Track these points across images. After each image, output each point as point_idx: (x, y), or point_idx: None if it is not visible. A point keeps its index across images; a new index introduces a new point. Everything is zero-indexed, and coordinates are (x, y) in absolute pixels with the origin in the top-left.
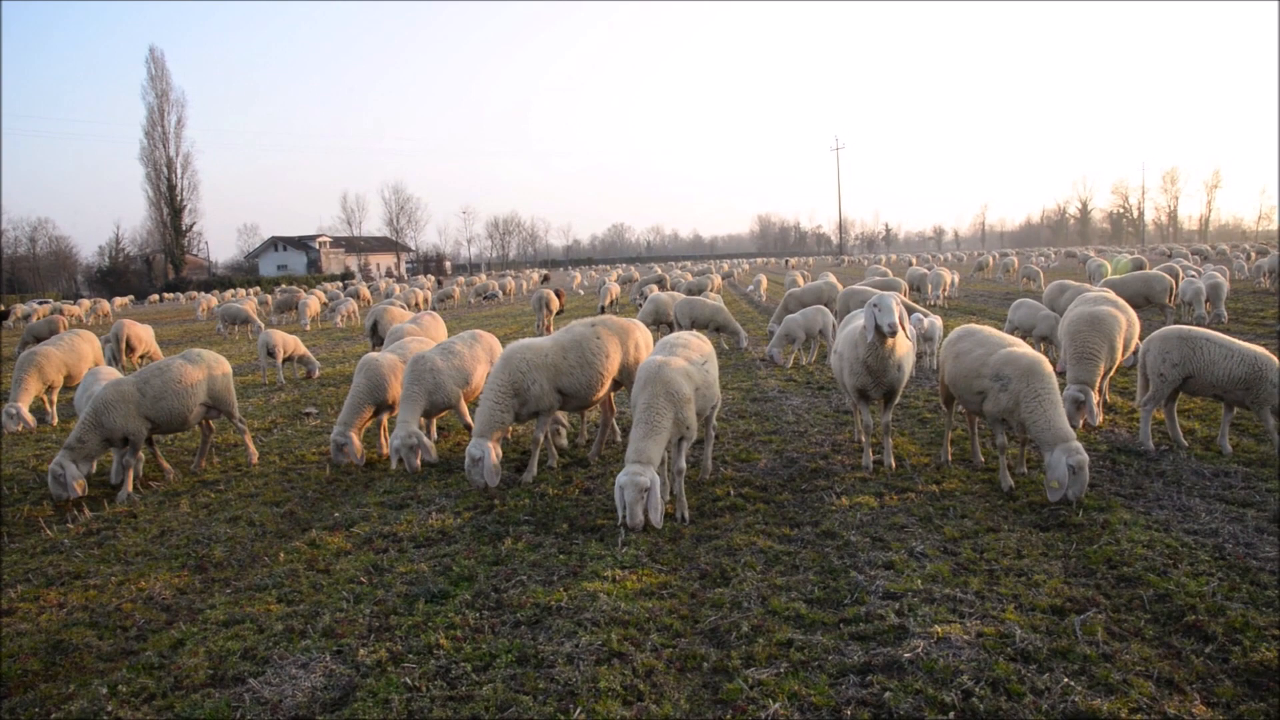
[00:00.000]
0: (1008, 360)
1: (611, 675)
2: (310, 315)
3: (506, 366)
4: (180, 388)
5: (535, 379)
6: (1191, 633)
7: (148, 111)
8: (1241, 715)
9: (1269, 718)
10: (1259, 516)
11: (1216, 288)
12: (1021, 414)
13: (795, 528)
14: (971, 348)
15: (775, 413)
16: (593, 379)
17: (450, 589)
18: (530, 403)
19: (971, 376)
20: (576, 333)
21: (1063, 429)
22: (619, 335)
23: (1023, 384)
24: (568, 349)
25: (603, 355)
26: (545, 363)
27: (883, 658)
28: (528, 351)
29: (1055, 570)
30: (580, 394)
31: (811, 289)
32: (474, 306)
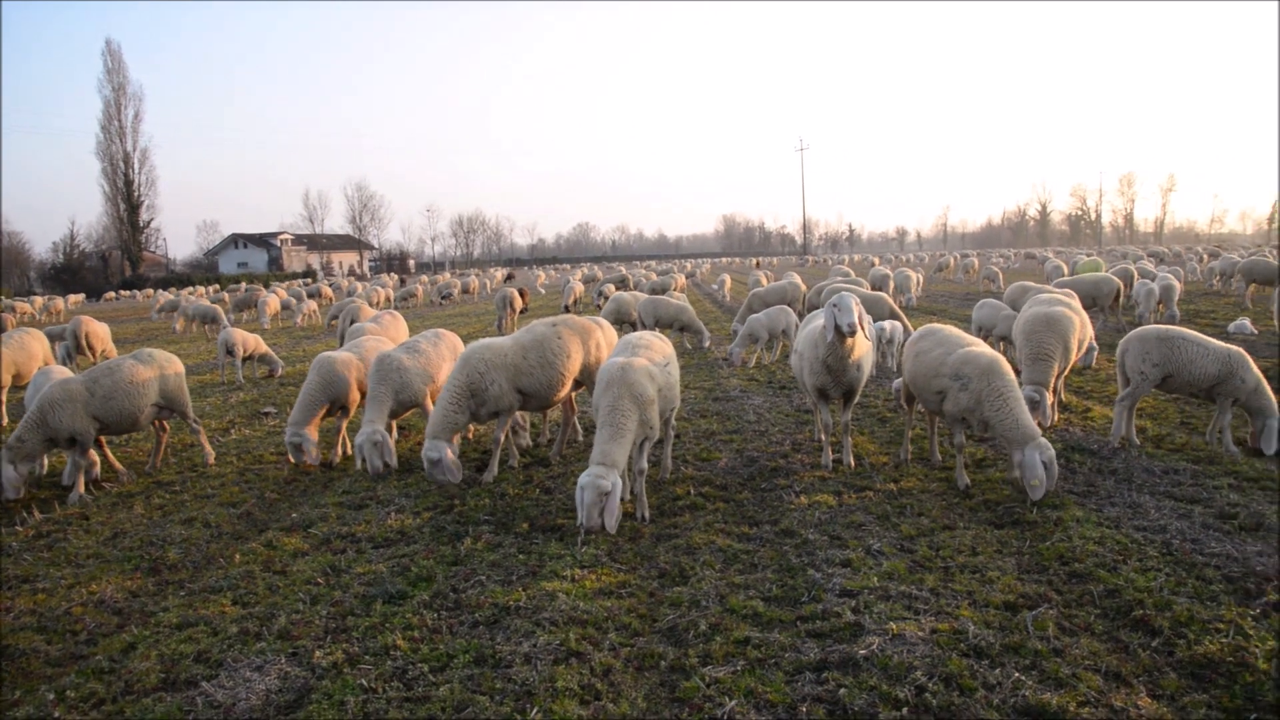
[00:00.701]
0: (966, 359)
1: (569, 674)
2: (270, 314)
3: (464, 367)
4: (131, 388)
5: (494, 379)
6: (1139, 627)
7: (104, 105)
8: (1185, 707)
9: (1211, 709)
10: (1205, 513)
11: (1169, 289)
12: (985, 413)
13: (754, 526)
14: (931, 347)
15: (737, 412)
16: (554, 379)
17: (408, 589)
18: (489, 403)
19: (931, 376)
20: (538, 332)
21: (1030, 426)
22: (581, 335)
23: (983, 383)
24: (528, 349)
25: (564, 355)
26: (504, 363)
27: (838, 655)
28: (487, 352)
29: (1009, 567)
30: (541, 394)
31: (775, 289)
32: (437, 305)
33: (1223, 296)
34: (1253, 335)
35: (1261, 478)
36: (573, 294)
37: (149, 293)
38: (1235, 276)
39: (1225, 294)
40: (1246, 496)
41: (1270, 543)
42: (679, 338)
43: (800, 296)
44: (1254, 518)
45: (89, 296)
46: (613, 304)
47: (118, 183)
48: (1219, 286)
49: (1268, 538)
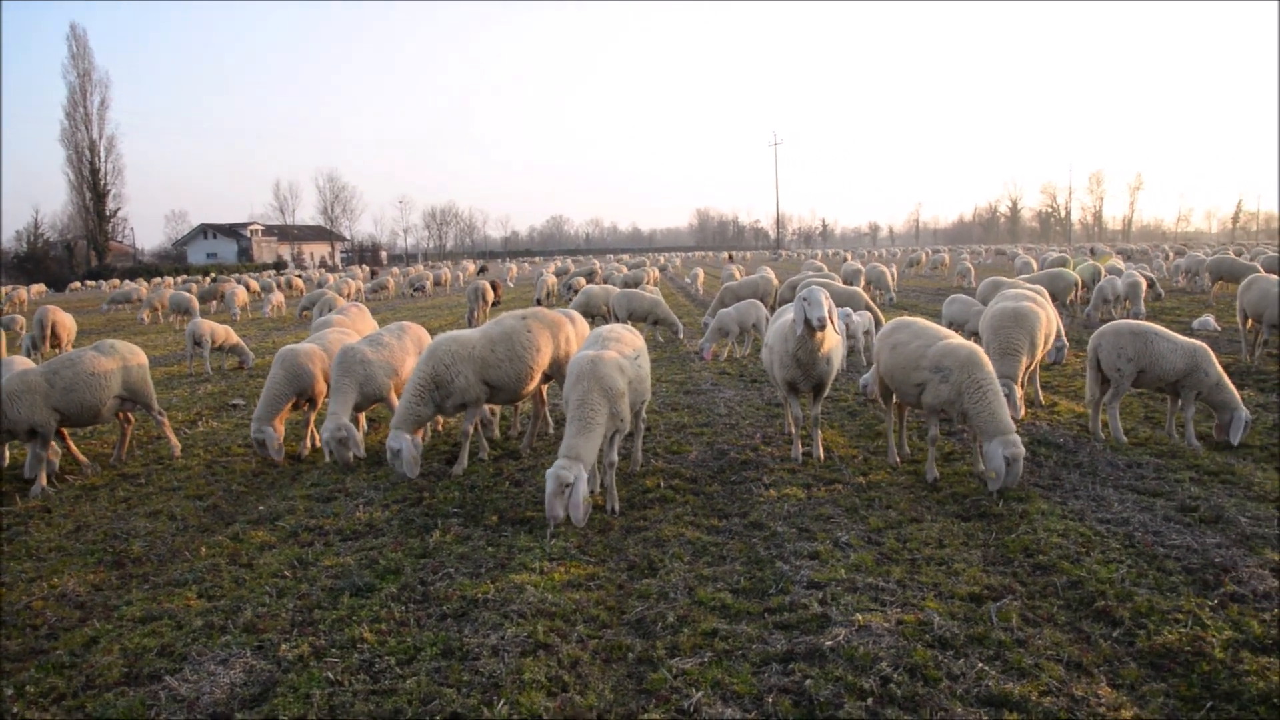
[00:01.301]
0: (947, 352)
1: (536, 667)
2: (239, 305)
3: (430, 359)
4: (92, 379)
5: (460, 371)
6: (1101, 617)
7: (69, 91)
8: (1144, 696)
9: (1169, 697)
10: (1167, 506)
11: (1134, 286)
12: (964, 405)
13: (724, 519)
14: (909, 339)
15: (708, 405)
16: (522, 372)
17: (376, 582)
18: (455, 395)
19: (910, 368)
20: (507, 325)
21: (1004, 420)
22: (551, 328)
23: (964, 375)
24: (496, 342)
25: (533, 349)
26: (472, 355)
27: (805, 646)
28: (453, 344)
29: (975, 559)
30: (509, 387)
31: (747, 283)
32: (408, 298)
33: (1187, 293)
34: (1216, 331)
35: (1221, 471)
36: (545, 287)
37: (115, 283)
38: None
39: (1190, 291)
40: (1207, 490)
41: (1229, 534)
42: (652, 331)
43: (772, 291)
44: (1214, 510)
45: (53, 287)
46: (582, 297)
47: (83, 171)
48: (1184, 283)
49: (1226, 530)
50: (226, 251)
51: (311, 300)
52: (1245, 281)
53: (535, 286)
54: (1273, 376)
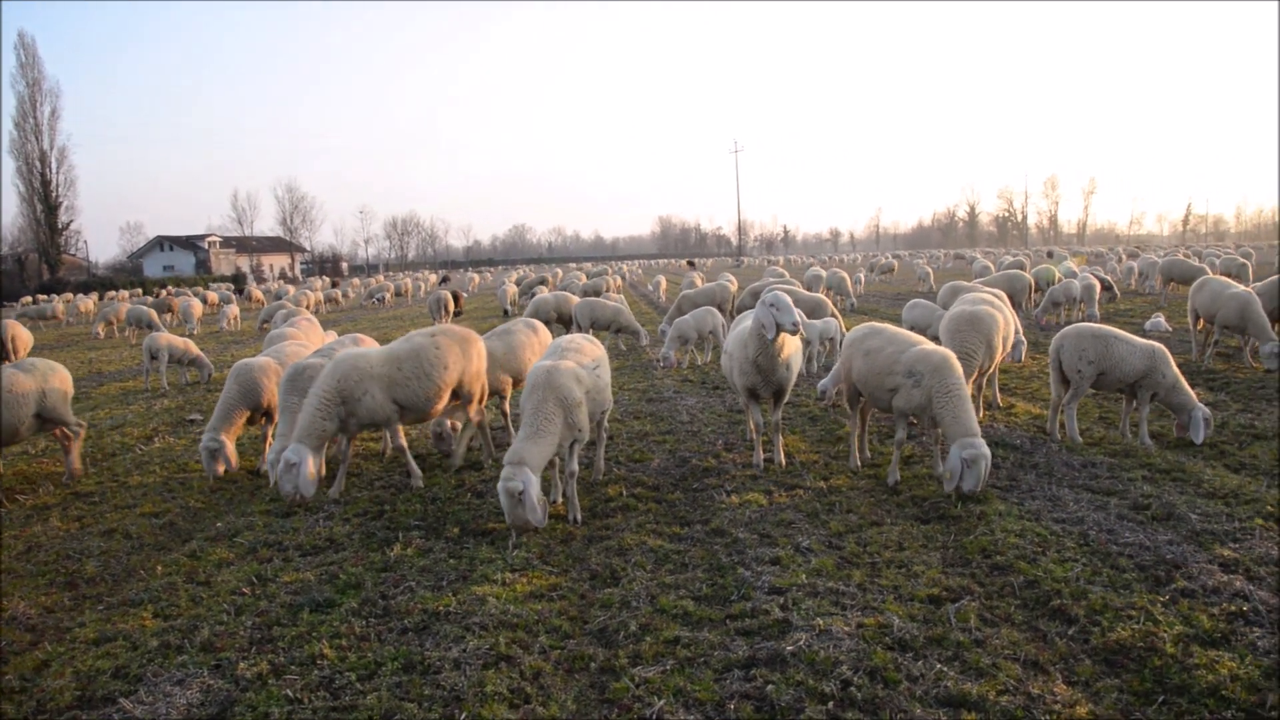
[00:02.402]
0: (921, 357)
1: (498, 679)
2: (195, 317)
3: (333, 375)
4: (10, 398)
5: (367, 389)
6: (1056, 616)
7: (18, 102)
8: (1098, 691)
9: (1122, 692)
10: (1121, 504)
11: (1089, 289)
12: (934, 409)
13: (686, 526)
14: (882, 345)
15: (670, 413)
16: (430, 390)
17: (336, 597)
18: (361, 414)
19: (884, 374)
20: (415, 342)
21: (969, 424)
22: (460, 345)
23: (936, 380)
24: (403, 359)
25: (440, 366)
26: (377, 373)
27: (766, 651)
28: (360, 360)
29: (934, 561)
30: (417, 406)
31: (705, 291)
32: (369, 309)
33: (1140, 295)
34: (1167, 332)
35: (1172, 469)
36: (509, 296)
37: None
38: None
39: (1141, 292)
40: (1159, 488)
41: (1180, 531)
42: (615, 339)
43: (730, 298)
44: (1165, 508)
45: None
46: (532, 307)
47: (34, 183)
48: (1135, 285)
49: (1177, 527)
50: (184, 264)
51: (270, 312)
52: (1196, 283)
53: (498, 297)
54: (1221, 375)
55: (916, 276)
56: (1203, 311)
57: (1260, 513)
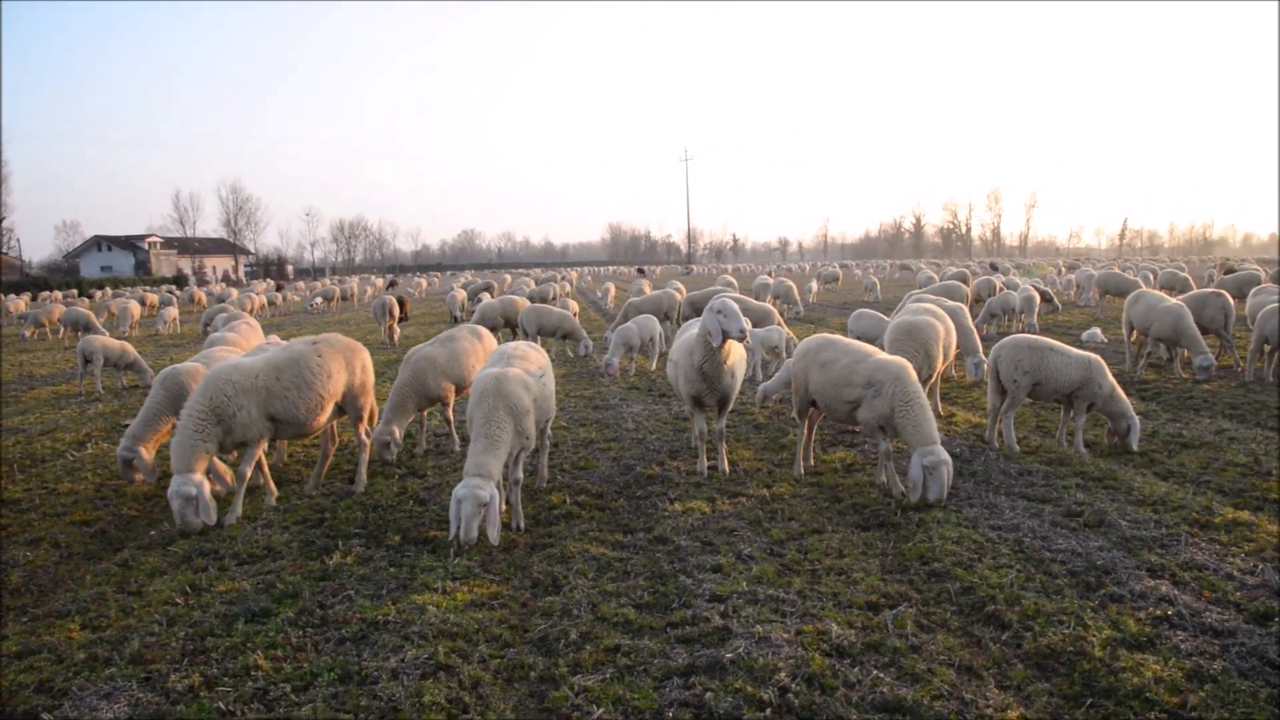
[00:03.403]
0: (879, 367)
1: (437, 689)
2: (131, 319)
3: (207, 390)
4: None
5: (242, 404)
6: (991, 621)
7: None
8: (1030, 695)
9: (1052, 696)
10: (1055, 511)
11: (1029, 300)
12: (894, 418)
13: (629, 534)
14: (837, 356)
15: (615, 420)
16: (311, 402)
17: (273, 607)
18: (236, 431)
19: (842, 385)
20: (295, 351)
21: (928, 432)
22: (344, 354)
23: (896, 389)
24: (282, 369)
25: (323, 375)
26: (254, 385)
27: (706, 659)
28: (234, 373)
29: (873, 568)
30: (297, 420)
31: (651, 299)
32: (312, 313)
33: (1077, 306)
34: (1103, 343)
35: (1105, 477)
36: (458, 302)
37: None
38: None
39: (1079, 304)
40: (1091, 495)
41: (1110, 538)
42: (562, 345)
43: (676, 306)
44: (1097, 515)
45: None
46: (478, 314)
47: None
48: (1074, 297)
49: (1108, 533)
50: (122, 264)
51: (211, 315)
52: (1131, 296)
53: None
54: (1152, 385)
55: (863, 286)
56: (1138, 324)
57: (1186, 519)
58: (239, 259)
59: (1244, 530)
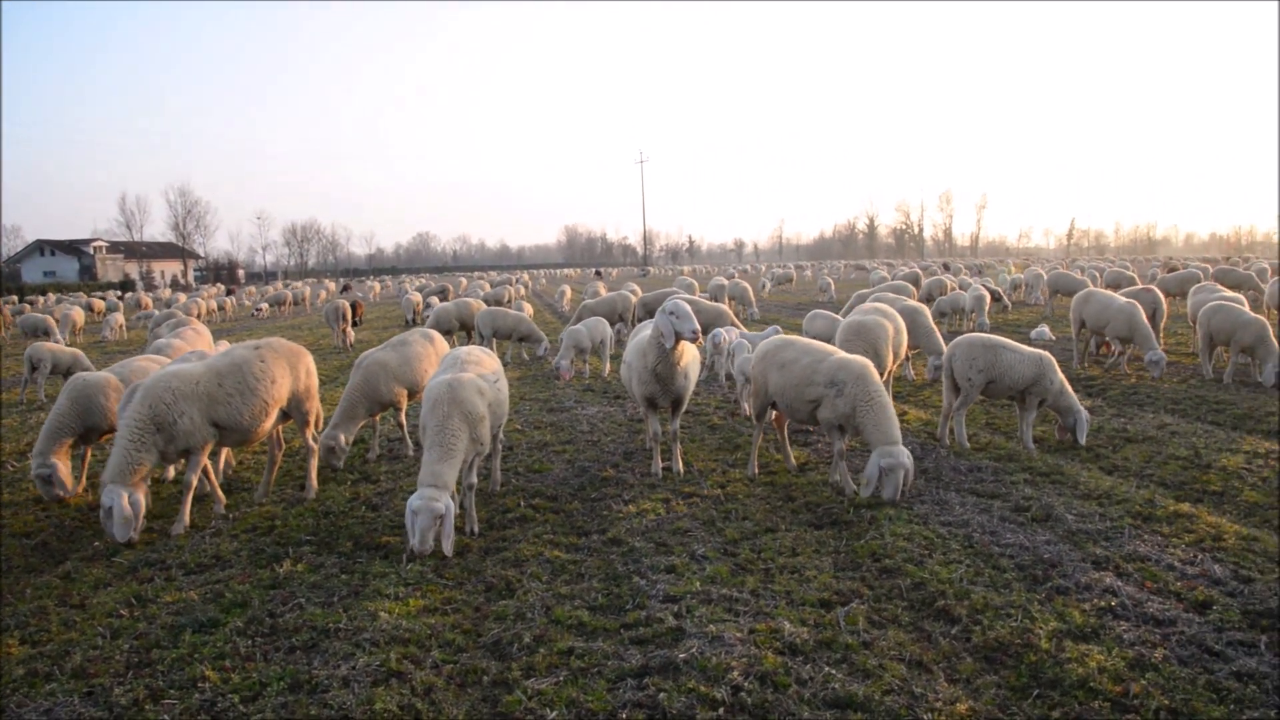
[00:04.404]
0: (840, 366)
1: (388, 696)
2: (74, 326)
3: (147, 399)
4: None
5: (184, 411)
6: (941, 616)
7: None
8: (978, 688)
9: (1000, 688)
10: (1003, 507)
11: (979, 299)
12: (856, 417)
13: (583, 536)
14: (797, 356)
15: (570, 423)
16: (256, 408)
17: (221, 617)
18: (179, 439)
19: (803, 385)
20: (237, 356)
21: (889, 431)
22: (288, 359)
23: (859, 388)
24: (224, 375)
25: (267, 380)
26: (196, 392)
27: (659, 659)
28: (174, 380)
29: (826, 565)
30: (241, 427)
31: (605, 301)
32: (261, 318)
33: (1026, 305)
34: (1051, 340)
35: (1052, 472)
36: (413, 307)
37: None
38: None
39: (1028, 303)
40: (1039, 490)
41: (1057, 531)
42: (518, 348)
43: (631, 308)
44: (1044, 509)
45: None
46: (433, 317)
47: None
48: (1022, 296)
49: (1055, 527)
50: (67, 270)
51: (158, 321)
52: (1081, 295)
53: (402, 306)
54: (1098, 382)
55: (818, 287)
56: (1091, 323)
57: (1130, 512)
58: (188, 263)
59: (1185, 522)
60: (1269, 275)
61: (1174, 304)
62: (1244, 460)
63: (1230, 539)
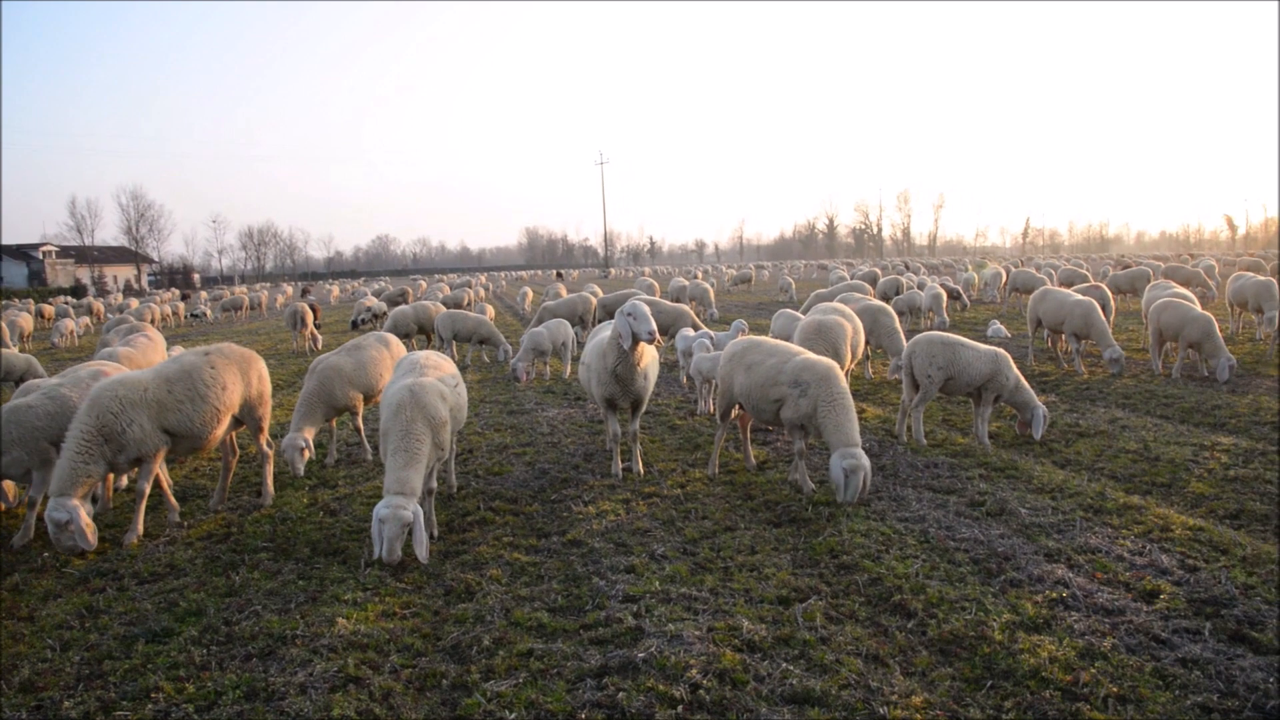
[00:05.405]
0: (805, 367)
1: (346, 701)
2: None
3: (94, 408)
4: None
5: (133, 419)
6: (897, 611)
7: None
8: (933, 681)
9: (954, 680)
10: (959, 502)
11: (937, 298)
12: (817, 418)
13: (543, 538)
14: (763, 358)
15: (531, 425)
16: (207, 415)
17: (175, 626)
18: (129, 448)
19: (768, 385)
20: (186, 362)
21: (849, 434)
22: (238, 365)
23: (821, 389)
24: (174, 381)
25: (218, 387)
26: (145, 399)
27: (619, 659)
28: (120, 388)
29: (784, 563)
30: (193, 433)
31: (566, 302)
32: (218, 324)
33: (982, 303)
34: (1006, 338)
35: (1006, 467)
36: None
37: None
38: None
39: (984, 301)
40: (994, 485)
41: (1011, 525)
42: (478, 351)
43: (591, 309)
44: (999, 504)
45: None
46: (390, 321)
47: None
48: (976, 294)
49: (1009, 521)
50: (14, 275)
51: (109, 327)
52: (1038, 293)
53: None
54: (1051, 378)
55: (778, 286)
56: (1048, 320)
57: (1081, 505)
58: (141, 268)
59: (1134, 514)
60: (1216, 272)
61: (1125, 301)
62: (1191, 453)
63: (1177, 529)
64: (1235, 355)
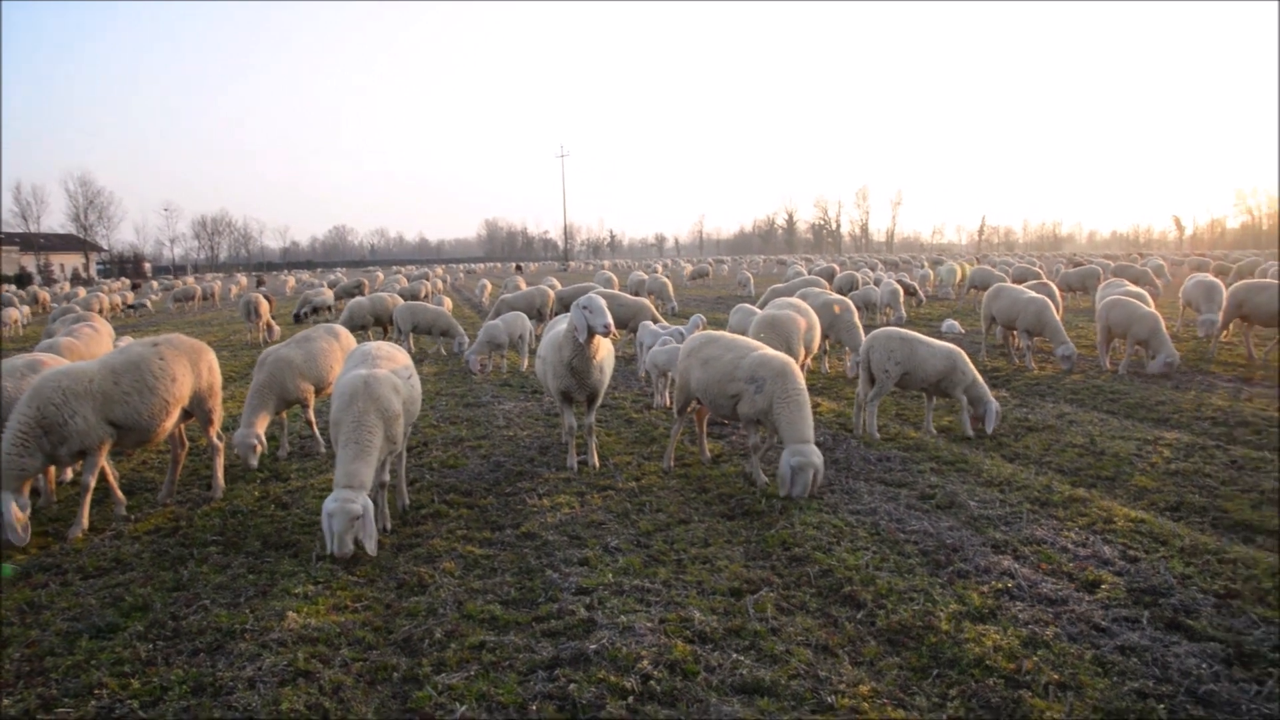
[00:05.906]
0: (761, 363)
1: (295, 696)
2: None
3: (35, 399)
4: None
5: (76, 410)
6: (847, 602)
7: None
8: (881, 670)
9: (902, 669)
10: (910, 495)
11: (893, 294)
12: (772, 413)
13: (497, 531)
14: (720, 353)
15: (487, 418)
16: (156, 407)
17: (120, 621)
18: (71, 440)
19: (725, 380)
20: (134, 353)
21: (802, 430)
22: (189, 356)
23: (777, 385)
24: (121, 373)
25: (167, 379)
26: (89, 390)
27: (571, 651)
28: (64, 379)
29: (737, 555)
30: (140, 426)
31: (523, 295)
32: (150, 312)
33: (937, 299)
34: (961, 334)
35: (957, 461)
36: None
37: None
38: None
39: (939, 297)
40: (944, 478)
41: (959, 518)
42: (437, 343)
43: (549, 303)
44: (948, 497)
45: None
46: (346, 313)
47: None
48: (933, 290)
49: (958, 513)
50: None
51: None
52: (992, 290)
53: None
54: (1002, 373)
55: (737, 281)
56: (1002, 317)
57: (1028, 498)
58: (90, 256)
59: (1078, 506)
60: (1164, 271)
61: (1075, 299)
62: (1135, 447)
63: (1120, 521)
64: (1180, 352)
